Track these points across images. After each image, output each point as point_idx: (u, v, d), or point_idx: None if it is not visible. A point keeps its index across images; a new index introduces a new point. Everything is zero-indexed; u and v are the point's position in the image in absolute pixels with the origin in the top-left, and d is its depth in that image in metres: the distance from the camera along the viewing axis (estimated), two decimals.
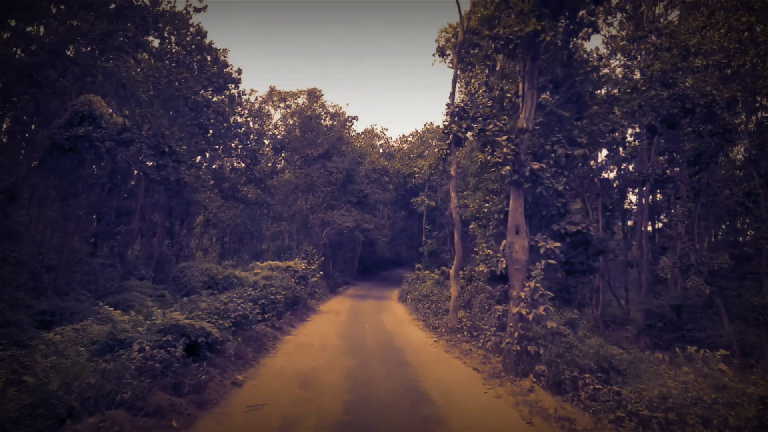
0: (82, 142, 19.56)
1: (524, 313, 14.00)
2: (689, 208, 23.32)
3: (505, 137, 14.64)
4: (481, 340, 20.71)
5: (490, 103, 16.12)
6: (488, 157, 15.33)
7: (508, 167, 14.31)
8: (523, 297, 14.15)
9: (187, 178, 24.03)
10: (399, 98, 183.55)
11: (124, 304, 20.67)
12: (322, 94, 44.97)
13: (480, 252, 15.70)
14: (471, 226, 28.03)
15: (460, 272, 25.19)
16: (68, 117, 20.62)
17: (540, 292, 14.07)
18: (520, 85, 16.05)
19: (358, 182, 47.08)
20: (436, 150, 59.03)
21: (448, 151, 16.67)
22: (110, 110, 20.75)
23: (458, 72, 25.36)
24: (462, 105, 16.01)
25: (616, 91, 22.85)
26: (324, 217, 43.99)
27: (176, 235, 44.23)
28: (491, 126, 15.05)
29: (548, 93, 17.00)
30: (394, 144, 67.02)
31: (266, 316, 20.82)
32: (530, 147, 15.85)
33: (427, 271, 41.12)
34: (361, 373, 14.21)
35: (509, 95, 16.97)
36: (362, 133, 61.90)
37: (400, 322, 27.81)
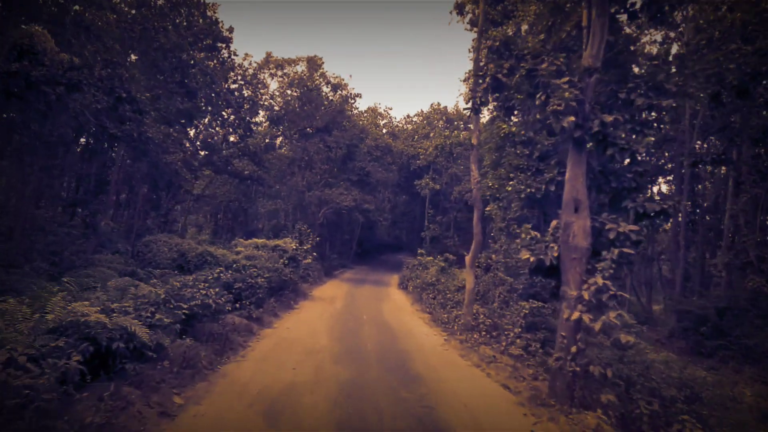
0: (16, 80, 15.19)
1: (587, 320, 9.77)
2: (755, 195, 19.08)
3: (565, 79, 10.30)
4: (503, 343, 16.64)
5: (542, 37, 11.87)
6: (540, 110, 11.02)
7: (572, 118, 9.97)
8: (586, 298, 9.90)
9: (151, 133, 19.45)
10: (402, 98, 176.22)
11: (86, 280, 16.52)
12: (323, 63, 40.26)
13: (523, 235, 11.41)
14: (488, 208, 23.75)
15: (477, 260, 20.93)
16: (6, 52, 16.21)
17: (610, 292, 9.83)
18: (585, 13, 11.68)
19: (360, 159, 42.60)
20: (448, 130, 54.40)
21: (481, 99, 12.27)
22: (56, 48, 16.19)
23: (481, 32, 21.03)
24: (504, 39, 11.62)
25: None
26: (321, 195, 39.63)
27: (162, 208, 39.98)
28: (545, 65, 10.68)
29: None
30: (398, 124, 62.40)
31: (242, 303, 16.62)
32: (597, 95, 11.49)
33: (430, 257, 36.91)
34: (358, 394, 9.98)
35: (567, 28, 12.65)
36: (365, 111, 57.18)
37: (403, 314, 23.66)
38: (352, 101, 44.59)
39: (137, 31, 23.67)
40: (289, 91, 42.55)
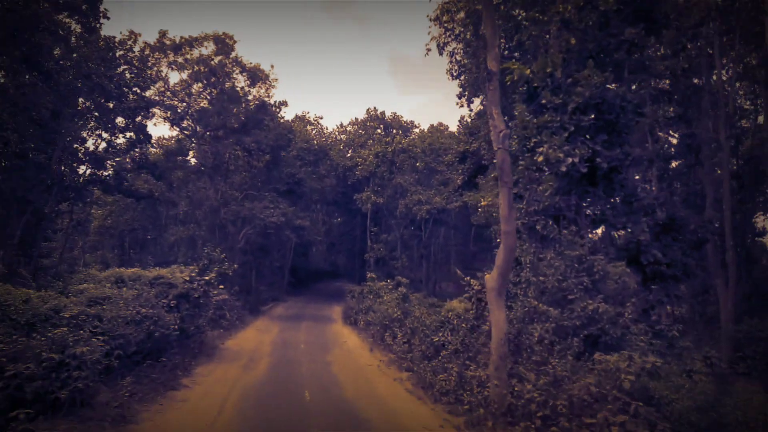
0: None
1: None
2: None
3: None
4: None
5: None
6: None
7: None
8: None
9: None
10: (333, 104, 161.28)
11: None
12: (236, 43, 30.56)
13: None
14: (488, 200, 15.08)
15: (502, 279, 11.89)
16: None
17: None
18: None
19: (289, 165, 32.93)
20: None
21: None
22: None
23: None
24: None
25: None
26: (241, 210, 29.49)
27: (14, 238, 27.85)
28: None
29: None
30: (332, 135, 53.22)
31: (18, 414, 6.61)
32: None
33: (383, 283, 27.56)
34: None
35: None
36: (292, 120, 47.55)
37: (367, 376, 14.27)
38: (277, 109, 34.78)
39: None
40: (195, 86, 32.33)
